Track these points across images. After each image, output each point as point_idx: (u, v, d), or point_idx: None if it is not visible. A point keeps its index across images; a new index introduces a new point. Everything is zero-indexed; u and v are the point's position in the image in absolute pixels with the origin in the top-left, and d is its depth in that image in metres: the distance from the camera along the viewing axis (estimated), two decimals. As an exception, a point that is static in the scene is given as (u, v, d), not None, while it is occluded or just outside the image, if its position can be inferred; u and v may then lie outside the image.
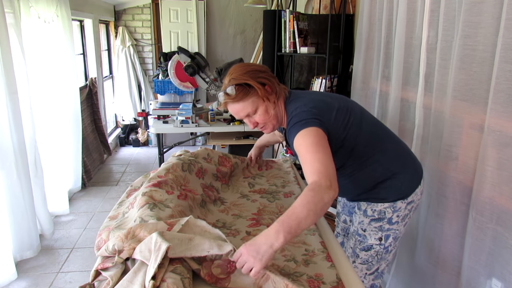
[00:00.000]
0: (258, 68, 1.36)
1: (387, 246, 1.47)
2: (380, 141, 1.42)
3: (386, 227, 1.45)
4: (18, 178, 2.49)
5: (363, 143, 1.37)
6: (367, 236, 1.48)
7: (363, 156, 1.38)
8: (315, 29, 3.07)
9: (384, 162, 1.40)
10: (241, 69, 1.34)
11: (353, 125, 1.35)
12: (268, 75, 1.35)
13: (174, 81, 3.76)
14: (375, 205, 1.44)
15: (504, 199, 1.33)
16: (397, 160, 1.43)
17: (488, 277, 1.42)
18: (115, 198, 3.65)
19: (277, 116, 1.40)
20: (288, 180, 1.89)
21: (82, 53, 4.42)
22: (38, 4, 3.00)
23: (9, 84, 2.37)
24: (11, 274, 2.43)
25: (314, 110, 1.29)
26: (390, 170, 1.41)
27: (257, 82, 1.31)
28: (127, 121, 5.47)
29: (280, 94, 1.38)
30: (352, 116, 1.36)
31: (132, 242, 1.06)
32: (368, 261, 1.50)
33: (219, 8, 5.29)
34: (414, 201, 1.46)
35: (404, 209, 1.44)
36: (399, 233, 1.48)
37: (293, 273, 1.16)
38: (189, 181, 1.57)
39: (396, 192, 1.42)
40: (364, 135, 1.37)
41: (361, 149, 1.37)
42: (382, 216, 1.44)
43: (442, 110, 1.66)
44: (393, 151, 1.44)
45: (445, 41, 1.61)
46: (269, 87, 1.34)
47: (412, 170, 1.46)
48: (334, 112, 1.32)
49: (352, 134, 1.35)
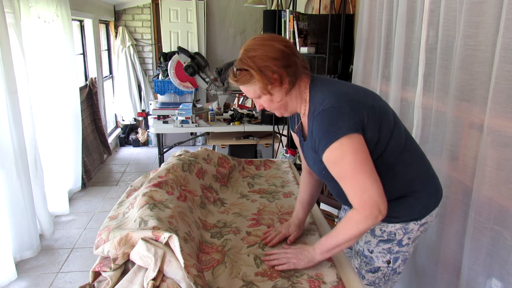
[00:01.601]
0: (272, 54, 1.12)
1: (395, 268, 1.34)
2: (407, 152, 1.24)
3: (395, 249, 1.29)
4: (18, 178, 2.49)
5: (390, 150, 1.19)
6: (374, 258, 1.32)
7: (386, 166, 1.18)
8: (315, 29, 3.06)
9: (406, 176, 1.24)
10: (251, 50, 1.14)
11: (385, 128, 1.17)
12: (280, 63, 1.12)
13: (174, 81, 3.76)
14: (385, 225, 1.27)
15: (503, 199, 1.33)
16: (420, 177, 1.28)
17: (488, 277, 1.42)
18: (115, 198, 3.65)
19: (287, 105, 1.21)
20: (287, 180, 1.89)
21: (82, 53, 4.42)
22: (38, 4, 3.00)
23: (9, 84, 2.37)
24: (11, 274, 2.43)
25: (348, 107, 1.09)
26: (410, 187, 1.25)
27: (261, 72, 1.12)
28: (127, 121, 5.47)
29: (300, 82, 1.19)
30: (385, 117, 1.18)
31: (125, 248, 1.06)
32: (375, 282, 1.36)
33: (219, 8, 5.29)
34: (428, 223, 1.32)
35: (416, 231, 1.29)
36: (408, 255, 1.35)
37: (293, 273, 1.17)
38: (189, 182, 1.57)
39: (411, 212, 1.27)
40: (393, 142, 1.19)
41: (386, 158, 1.19)
42: (392, 237, 1.28)
43: (443, 110, 1.66)
44: (418, 167, 1.28)
45: (445, 41, 1.61)
46: (278, 77, 1.13)
47: (432, 191, 1.31)
48: (368, 110, 1.13)
49: (383, 139, 1.16)
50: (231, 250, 1.28)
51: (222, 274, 1.15)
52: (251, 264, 1.21)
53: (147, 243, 1.02)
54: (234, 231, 1.40)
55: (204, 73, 3.18)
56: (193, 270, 0.98)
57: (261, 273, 1.17)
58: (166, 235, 1.04)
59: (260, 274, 1.16)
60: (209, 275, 1.14)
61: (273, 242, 1.33)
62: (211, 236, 1.37)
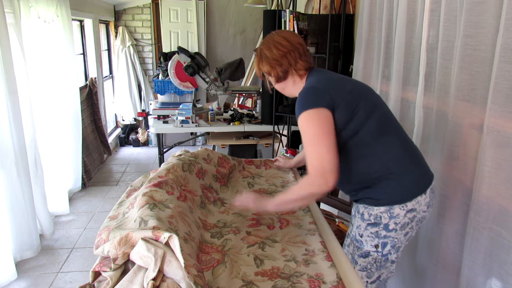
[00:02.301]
0: (268, 53, 1.42)
1: (385, 254, 1.40)
2: (386, 135, 1.36)
3: (382, 233, 1.38)
4: (18, 178, 2.49)
5: (367, 131, 1.33)
6: (363, 242, 1.42)
7: (364, 145, 1.34)
8: (315, 29, 3.06)
9: (384, 158, 1.34)
10: (262, 43, 1.47)
11: (361, 110, 1.32)
12: (271, 61, 1.42)
13: (174, 81, 3.76)
14: (372, 208, 1.38)
15: (503, 199, 1.33)
16: (400, 160, 1.36)
17: (488, 277, 1.42)
18: (115, 198, 3.65)
19: (284, 89, 1.51)
20: (287, 180, 1.89)
21: (82, 53, 4.42)
22: (38, 4, 3.00)
23: (9, 84, 2.37)
24: (11, 274, 2.43)
25: (324, 88, 1.32)
26: (388, 168, 1.34)
27: (259, 60, 1.46)
28: (127, 121, 5.47)
29: (294, 74, 1.44)
30: (363, 101, 1.34)
31: (125, 248, 1.06)
32: (367, 268, 1.44)
33: (219, 8, 5.29)
34: (417, 211, 1.36)
35: (403, 217, 1.35)
36: (399, 242, 1.39)
37: (293, 273, 1.17)
38: (189, 182, 1.57)
39: (391, 195, 1.35)
40: (371, 124, 1.33)
41: (364, 137, 1.33)
42: (378, 221, 1.37)
43: (444, 110, 1.66)
44: (398, 150, 1.37)
45: (446, 41, 1.61)
46: (267, 70, 1.45)
47: (414, 177, 1.37)
48: (344, 94, 1.32)
49: (358, 119, 1.32)
50: (231, 250, 1.28)
51: (222, 274, 1.15)
52: (251, 264, 1.21)
53: (147, 243, 1.02)
54: (234, 231, 1.40)
55: (204, 73, 3.18)
56: (193, 270, 0.98)
57: (261, 273, 1.17)
58: (166, 235, 1.04)
59: (260, 274, 1.16)
60: (209, 275, 1.14)
61: (277, 165, 1.94)
62: (211, 236, 1.37)
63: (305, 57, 1.43)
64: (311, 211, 1.58)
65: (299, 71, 1.43)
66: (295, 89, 1.46)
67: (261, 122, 3.38)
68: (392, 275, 1.49)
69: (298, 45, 1.42)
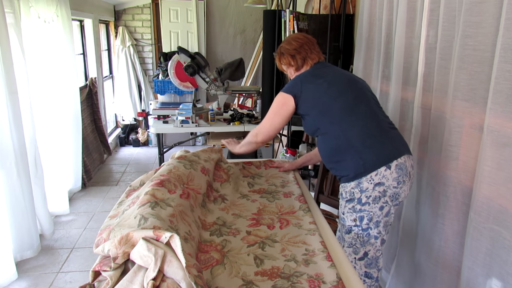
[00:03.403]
0: (288, 46, 1.76)
1: (365, 229, 1.56)
2: (354, 116, 1.58)
3: (358, 207, 1.56)
4: (18, 178, 2.49)
5: (333, 113, 1.60)
6: (345, 219, 1.61)
7: (330, 121, 1.60)
8: (315, 29, 3.06)
9: (347, 135, 1.57)
10: (283, 42, 1.84)
11: (327, 95, 1.62)
12: (291, 54, 1.75)
13: (174, 81, 3.76)
14: (345, 185, 1.60)
15: (502, 199, 1.33)
16: (361, 138, 1.55)
17: (488, 277, 1.42)
18: (115, 198, 3.65)
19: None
20: (287, 180, 1.90)
21: (82, 53, 4.42)
22: (38, 4, 3.00)
23: (9, 84, 2.37)
24: (11, 274, 2.43)
25: (298, 79, 1.70)
26: (350, 143, 1.55)
27: (279, 56, 1.80)
28: (127, 121, 5.47)
29: (309, 62, 1.75)
30: (332, 88, 1.63)
31: (126, 248, 1.06)
32: (352, 244, 1.60)
33: (219, 8, 5.29)
34: (386, 185, 1.52)
35: (372, 190, 1.52)
36: (375, 216, 1.55)
37: (293, 273, 1.17)
38: (194, 178, 1.56)
39: (355, 167, 1.54)
40: (338, 105, 1.60)
41: (331, 116, 1.60)
42: (352, 196, 1.57)
43: (443, 110, 1.66)
44: (360, 129, 1.57)
45: (445, 41, 1.61)
46: (288, 62, 1.77)
47: (375, 150, 1.54)
48: (312, 85, 1.65)
49: (323, 102, 1.62)
50: (230, 252, 1.28)
51: (221, 274, 1.15)
52: (251, 264, 1.21)
53: (148, 243, 1.02)
54: (234, 232, 1.40)
55: (204, 73, 3.18)
56: (193, 270, 0.99)
57: (261, 273, 1.17)
58: (167, 234, 1.04)
59: (260, 274, 1.16)
60: (208, 274, 1.14)
61: (283, 170, 2.04)
62: (210, 234, 1.37)
63: (317, 50, 1.77)
64: (311, 211, 1.58)
65: (312, 60, 1.75)
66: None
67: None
68: (380, 254, 1.61)
69: (311, 39, 1.78)
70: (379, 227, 1.57)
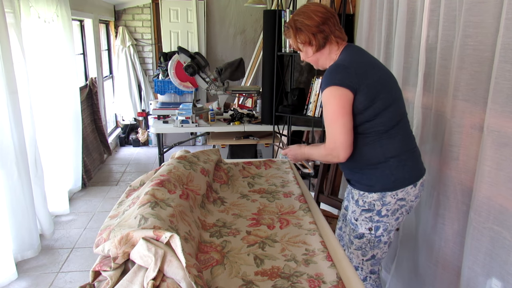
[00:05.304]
0: (307, 21, 1.44)
1: (378, 236, 1.53)
2: (396, 129, 1.43)
3: (375, 218, 1.50)
4: (19, 178, 2.49)
5: (381, 121, 1.40)
6: (358, 225, 1.55)
7: (374, 133, 1.42)
8: (315, 29, 3.06)
9: (386, 146, 1.43)
10: (297, 14, 1.49)
11: (380, 101, 1.38)
12: (312, 30, 1.44)
13: (174, 81, 3.76)
14: (366, 195, 1.49)
15: (502, 199, 1.33)
16: (397, 153, 1.44)
17: (488, 277, 1.42)
18: (115, 198, 3.65)
19: (318, 60, 1.54)
20: (287, 180, 1.89)
21: (82, 53, 4.42)
22: (38, 4, 3.00)
23: (9, 83, 2.37)
24: (12, 274, 2.43)
25: (353, 69, 1.36)
26: (386, 157, 1.43)
27: (296, 31, 1.47)
28: (127, 121, 5.47)
29: (331, 46, 1.48)
30: (384, 93, 1.39)
31: (126, 248, 1.06)
32: (361, 247, 1.57)
33: (219, 8, 5.29)
34: (406, 200, 1.48)
35: (394, 204, 1.47)
36: (390, 226, 1.52)
37: (293, 272, 1.17)
38: (194, 179, 1.57)
39: (384, 182, 1.45)
40: (387, 114, 1.40)
41: (376, 126, 1.41)
42: (372, 208, 1.49)
43: (443, 110, 1.66)
44: (399, 145, 1.45)
45: (445, 41, 1.61)
46: (308, 39, 1.46)
47: (407, 168, 1.46)
48: (371, 81, 1.37)
49: (376, 109, 1.38)
50: (230, 252, 1.28)
51: (221, 274, 1.15)
52: (251, 264, 1.21)
53: (148, 243, 1.02)
54: (233, 233, 1.40)
55: (204, 73, 3.18)
56: (193, 270, 0.99)
57: (261, 273, 1.17)
58: (167, 234, 1.04)
59: (260, 274, 1.16)
60: (208, 274, 1.15)
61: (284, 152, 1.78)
62: (210, 235, 1.37)
63: (340, 26, 1.50)
64: (311, 211, 1.58)
65: (337, 39, 1.48)
66: (329, 59, 1.50)
67: (261, 122, 3.38)
68: (385, 255, 1.60)
69: (334, 13, 1.49)
70: (390, 234, 1.55)
